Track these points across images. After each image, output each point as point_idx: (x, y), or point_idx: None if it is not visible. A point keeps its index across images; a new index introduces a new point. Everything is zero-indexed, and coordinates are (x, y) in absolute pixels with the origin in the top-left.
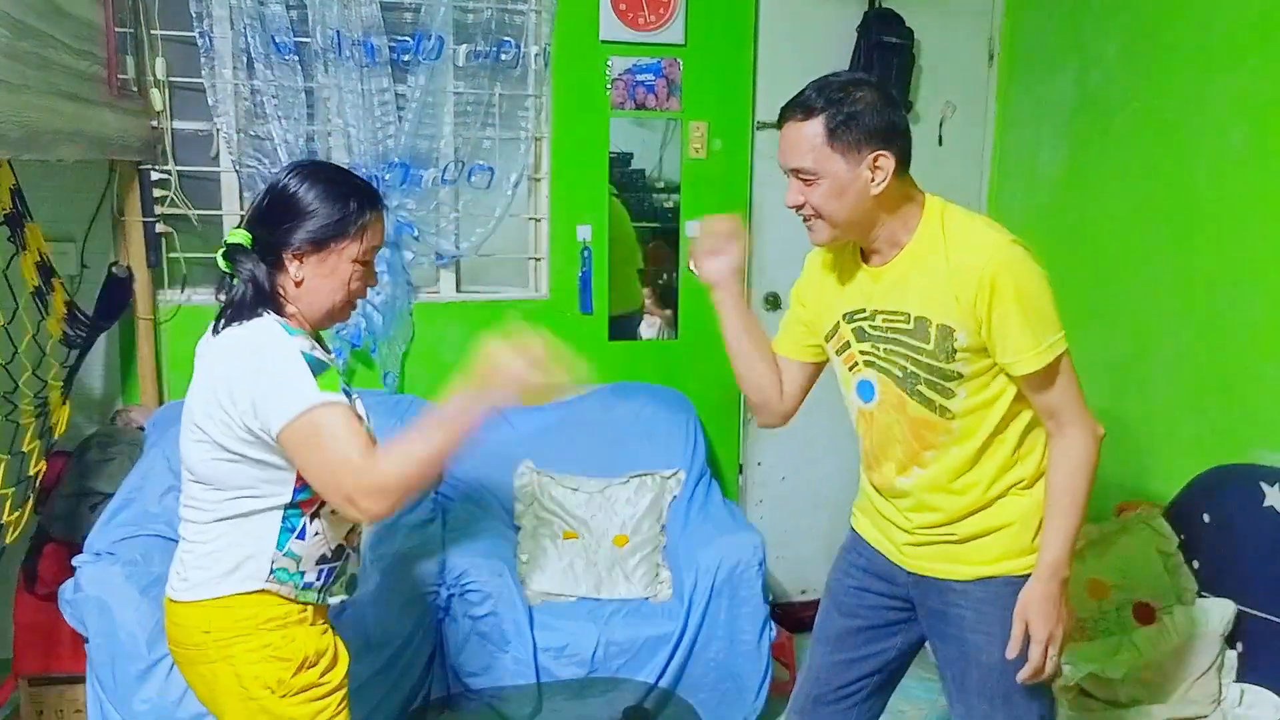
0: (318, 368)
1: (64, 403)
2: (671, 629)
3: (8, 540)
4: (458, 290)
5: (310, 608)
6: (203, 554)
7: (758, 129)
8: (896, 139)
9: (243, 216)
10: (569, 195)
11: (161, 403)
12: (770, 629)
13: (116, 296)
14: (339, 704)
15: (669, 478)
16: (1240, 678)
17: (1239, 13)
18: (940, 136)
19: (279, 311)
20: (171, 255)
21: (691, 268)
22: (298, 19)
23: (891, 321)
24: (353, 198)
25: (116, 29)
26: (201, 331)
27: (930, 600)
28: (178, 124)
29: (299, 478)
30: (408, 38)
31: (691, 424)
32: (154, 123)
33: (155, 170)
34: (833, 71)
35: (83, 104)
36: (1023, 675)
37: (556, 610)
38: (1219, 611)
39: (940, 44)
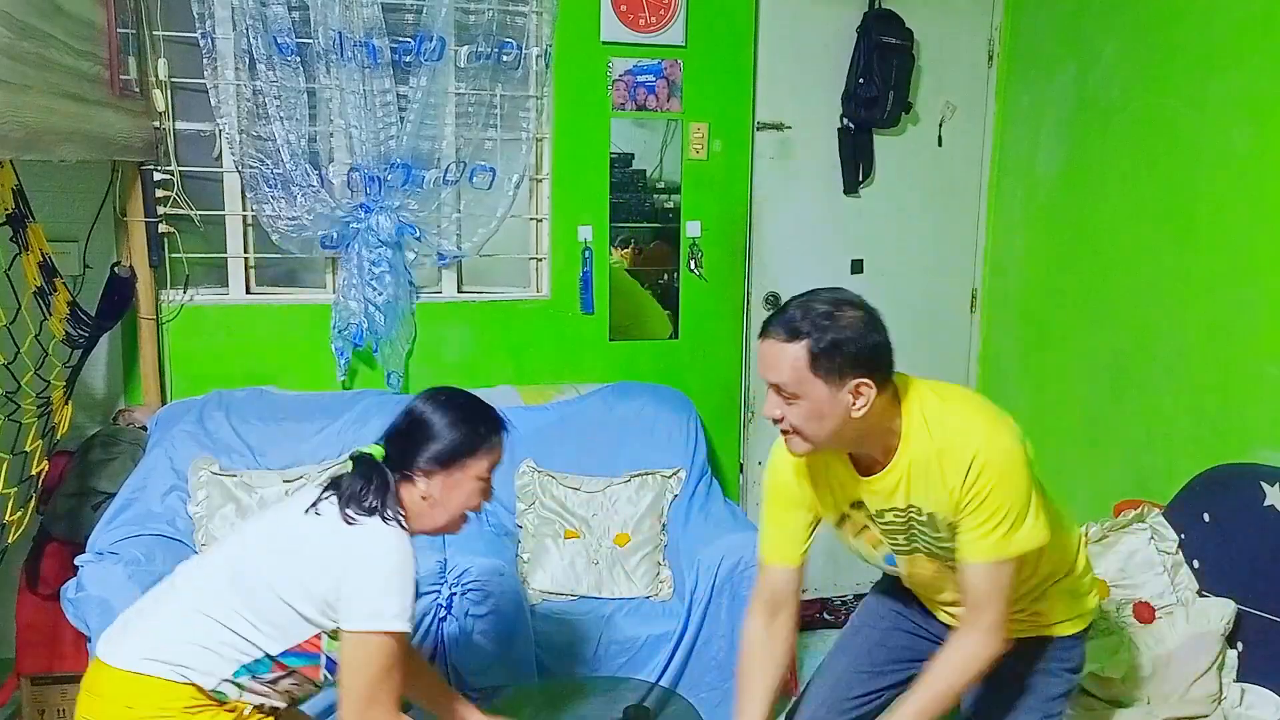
0: (417, 593)
1: (66, 402)
2: (672, 628)
3: (10, 540)
4: (459, 290)
5: (239, 708)
6: (161, 641)
7: (758, 130)
8: (880, 365)
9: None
10: (570, 196)
11: (164, 402)
12: None
13: (119, 296)
14: None
15: (670, 477)
16: (1240, 677)
17: (1239, 12)
18: (940, 137)
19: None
20: (174, 255)
21: None
22: (300, 20)
23: (904, 515)
24: (482, 423)
25: (118, 30)
26: (202, 331)
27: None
28: (180, 124)
29: (300, 646)
30: (409, 39)
31: (692, 423)
32: (156, 123)
33: (158, 170)
34: (818, 289)
35: (85, 104)
36: None
37: (558, 609)
38: (1219, 611)
39: (940, 44)
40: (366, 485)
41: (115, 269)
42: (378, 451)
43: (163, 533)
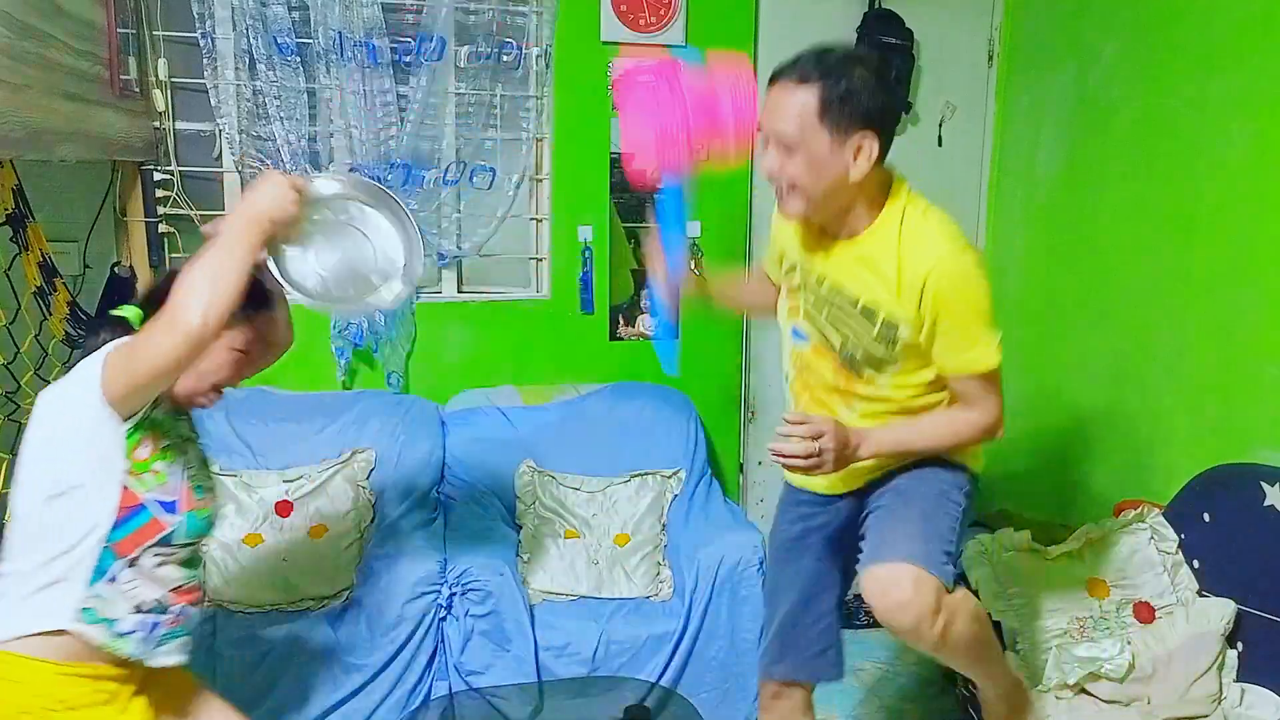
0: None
1: None
2: (672, 628)
3: None
4: (459, 290)
5: (115, 688)
6: (9, 597)
7: (758, 129)
8: (886, 123)
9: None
10: (570, 196)
11: None
12: None
13: (119, 297)
14: None
15: (670, 477)
16: (1240, 677)
17: (1239, 12)
18: (940, 136)
19: None
20: (174, 255)
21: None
22: (300, 20)
23: (839, 297)
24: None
25: (118, 29)
26: None
27: (867, 490)
28: (180, 124)
29: (119, 513)
30: (409, 39)
31: (692, 423)
32: (156, 123)
33: (158, 171)
34: (833, 42)
35: (85, 104)
36: (772, 446)
37: (558, 609)
38: (1219, 611)
39: (940, 44)
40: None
41: (115, 269)
42: (133, 314)
43: None
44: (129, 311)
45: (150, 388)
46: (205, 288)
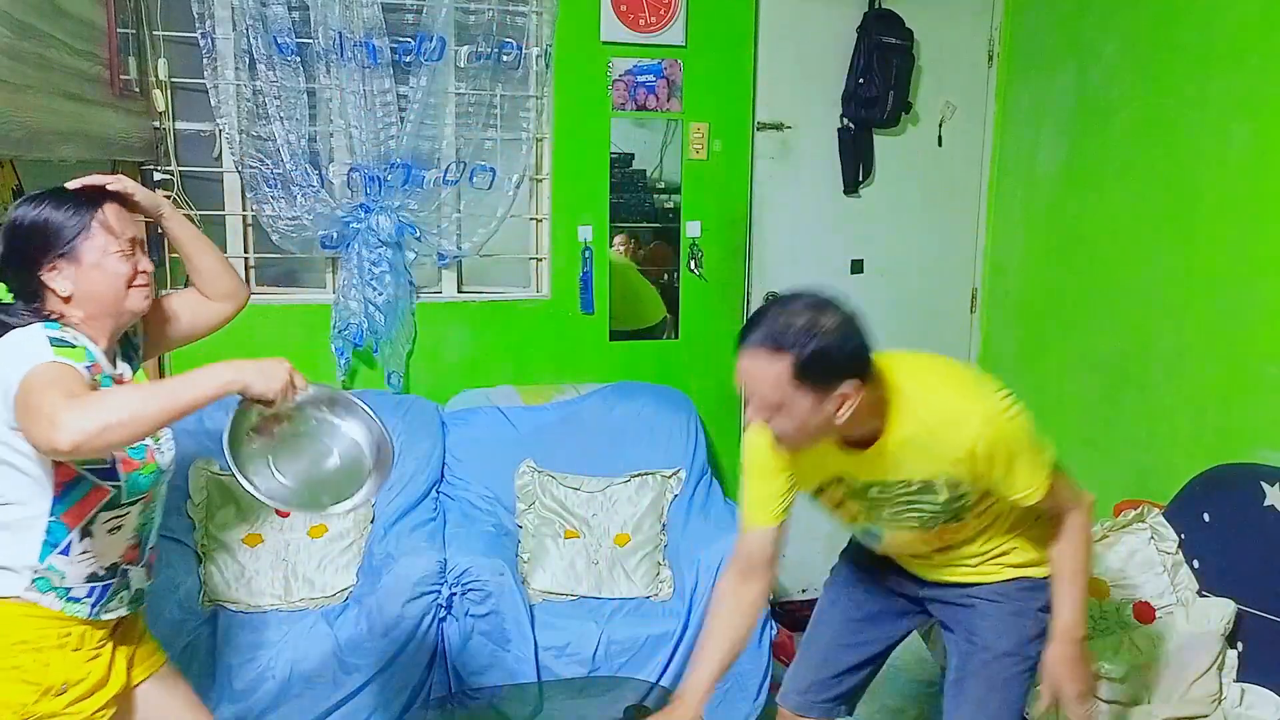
0: (58, 343)
1: None
2: (672, 628)
3: None
4: (459, 290)
5: (76, 630)
6: None
7: (758, 130)
8: (862, 368)
9: None
10: (570, 196)
11: None
12: (771, 628)
13: None
14: None
15: (670, 477)
16: (1240, 677)
17: (1239, 12)
18: (940, 136)
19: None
20: (174, 255)
21: None
22: (299, 20)
23: (892, 489)
24: (69, 203)
25: (118, 30)
26: None
27: (944, 595)
28: (180, 124)
29: (58, 485)
30: (409, 39)
31: (692, 423)
32: (156, 123)
33: (158, 171)
34: (794, 295)
35: (85, 104)
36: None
37: (558, 609)
38: (1219, 611)
39: (940, 44)
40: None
41: None
42: (2, 292)
43: (161, 533)
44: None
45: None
46: (114, 415)
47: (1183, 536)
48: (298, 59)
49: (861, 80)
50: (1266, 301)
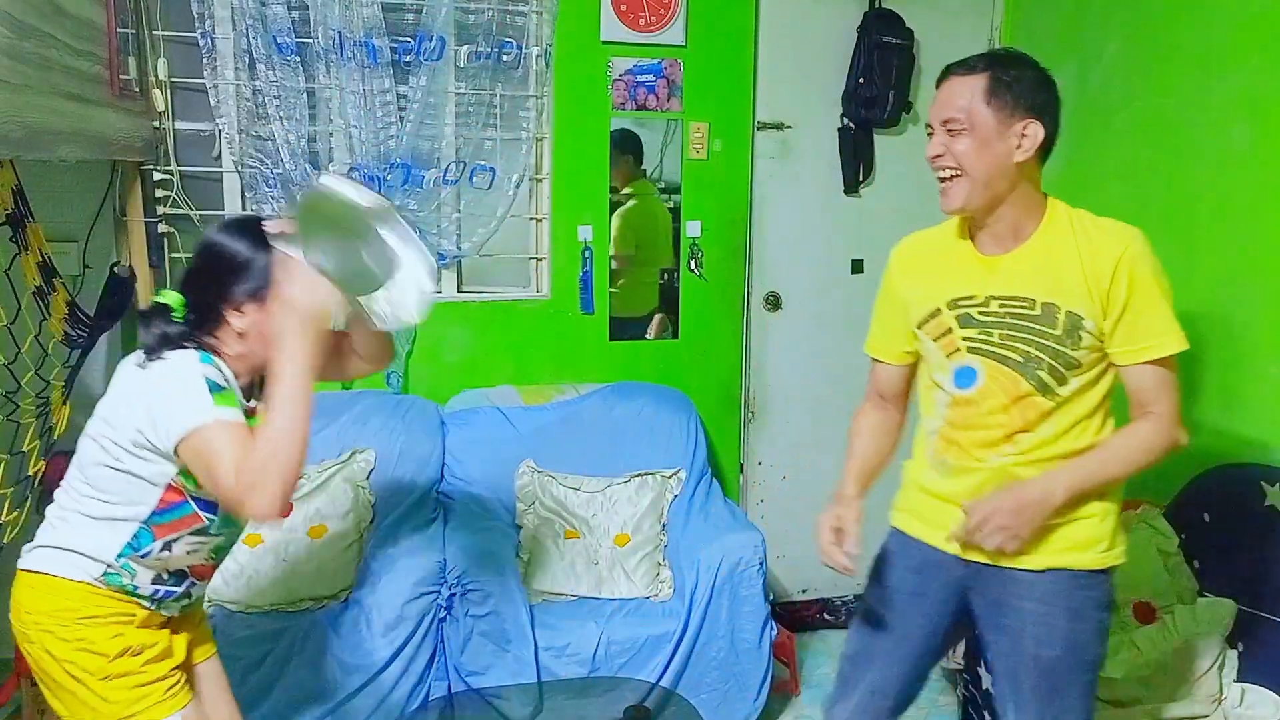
0: (215, 388)
1: (65, 403)
2: (672, 628)
3: (6, 539)
4: (459, 290)
5: (139, 613)
6: (52, 535)
7: (758, 129)
8: (1049, 116)
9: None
10: (570, 196)
11: None
12: (771, 628)
13: (118, 297)
14: (168, 690)
15: (670, 477)
16: (1241, 677)
17: (1240, 12)
18: None
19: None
20: (173, 255)
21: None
22: (299, 20)
23: (1012, 307)
24: (269, 247)
25: (118, 29)
26: None
27: (990, 590)
28: (180, 124)
29: (162, 503)
30: (409, 38)
31: (692, 423)
32: (156, 123)
33: (157, 170)
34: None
35: (84, 104)
36: (952, 531)
37: (558, 609)
38: (1219, 611)
39: (940, 44)
40: (161, 340)
41: (115, 269)
42: (174, 300)
43: None
44: (170, 298)
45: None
46: (287, 466)
47: (1183, 536)
48: (297, 59)
49: (862, 80)
50: (1266, 301)
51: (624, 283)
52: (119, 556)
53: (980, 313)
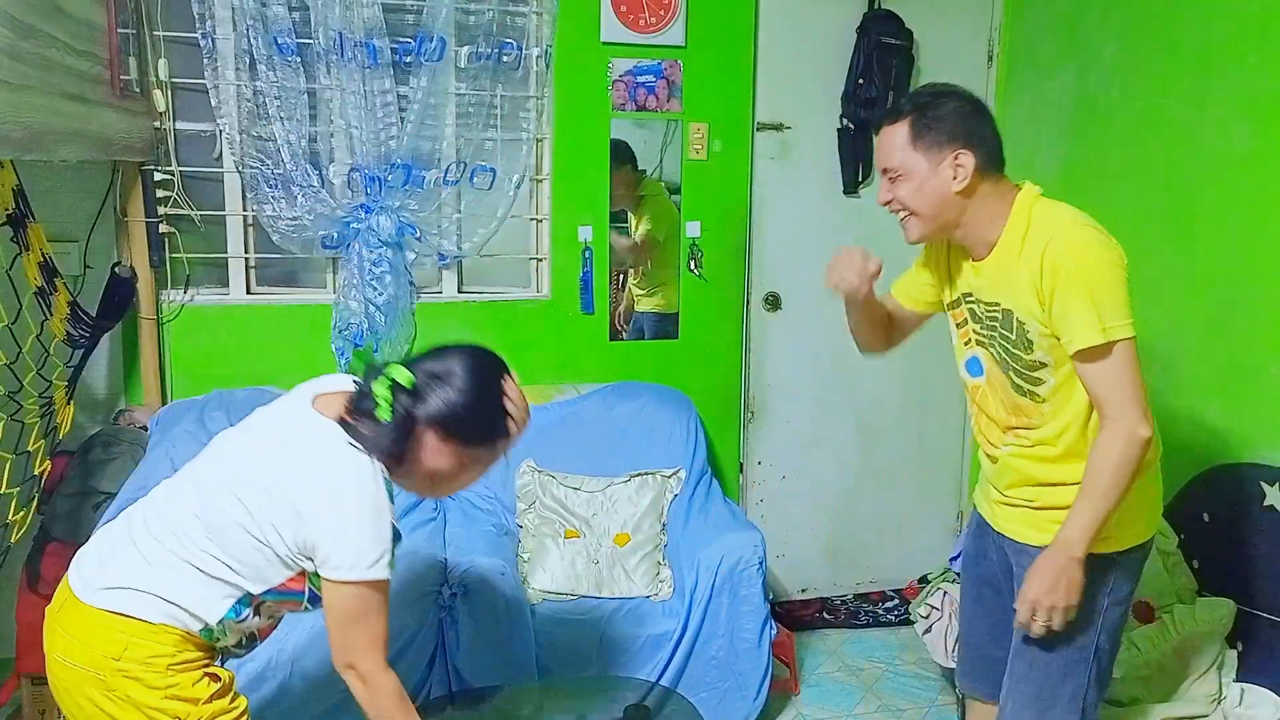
0: (396, 540)
1: (68, 402)
2: (672, 628)
3: (13, 540)
4: (459, 290)
5: (214, 654)
6: (149, 581)
7: (758, 130)
8: (980, 141)
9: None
10: (570, 196)
11: (164, 402)
12: (771, 628)
13: (119, 296)
14: (240, 715)
15: (670, 477)
16: (1240, 677)
17: (1239, 12)
18: None
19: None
20: (174, 255)
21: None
22: (300, 20)
23: (989, 311)
24: (503, 410)
25: (119, 30)
26: (202, 331)
27: (1011, 561)
28: (180, 125)
29: (282, 585)
30: (409, 39)
31: (692, 423)
32: (157, 123)
33: (158, 171)
34: (929, 83)
35: (85, 104)
36: (1016, 622)
37: (558, 609)
38: (1219, 611)
39: (939, 44)
40: (398, 431)
41: (116, 269)
42: (406, 379)
43: None
44: (403, 375)
45: None
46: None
47: (1182, 536)
48: (298, 59)
49: (861, 80)
50: (1266, 301)
51: (658, 279)
52: (219, 620)
53: (980, 310)
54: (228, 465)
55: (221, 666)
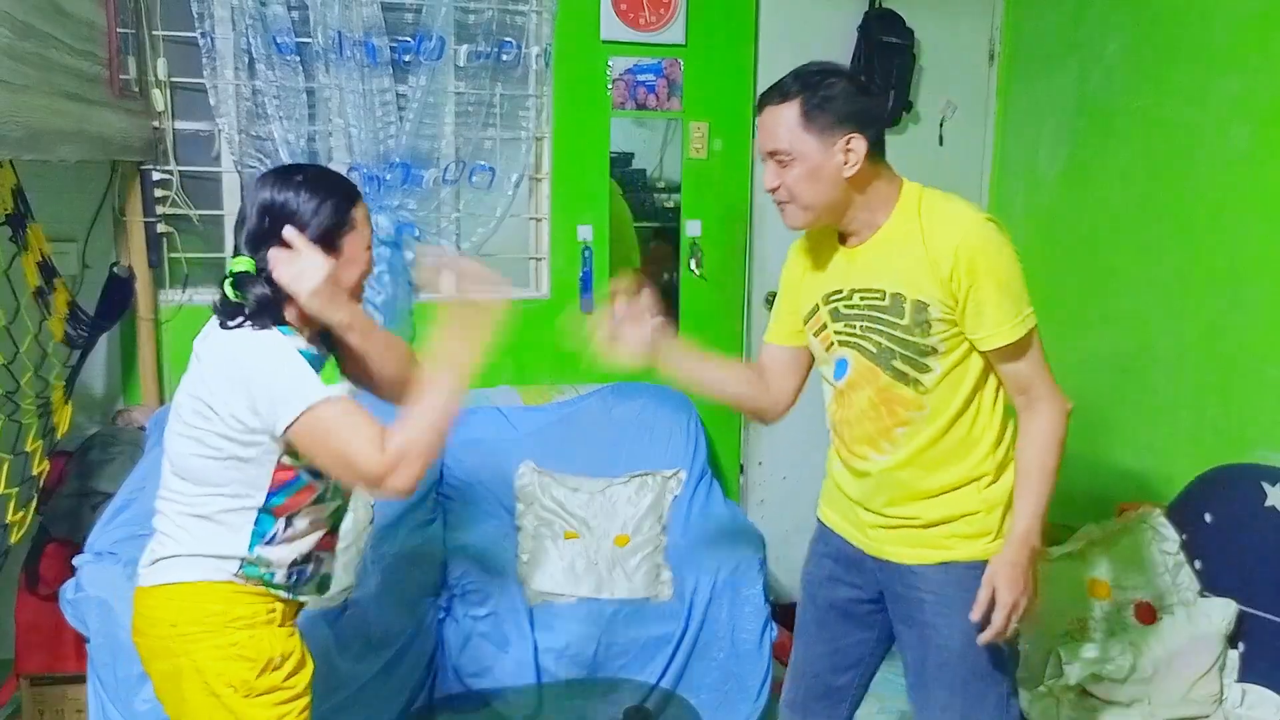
0: (316, 363)
1: (66, 403)
2: (672, 629)
3: (12, 540)
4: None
5: (279, 607)
6: (173, 546)
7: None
8: (869, 124)
9: (237, 245)
10: (570, 195)
11: (163, 402)
12: (771, 629)
13: (118, 296)
14: (301, 710)
15: (670, 477)
16: (1241, 678)
17: (1240, 12)
18: (941, 136)
19: (281, 317)
20: (173, 255)
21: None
22: (299, 20)
23: (868, 299)
24: (339, 190)
25: (118, 29)
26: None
27: (895, 585)
28: (179, 124)
29: (275, 483)
30: (409, 38)
31: (692, 424)
32: (155, 123)
33: (157, 170)
34: (811, 61)
35: (84, 104)
36: (984, 637)
37: (557, 610)
38: (1220, 611)
39: (940, 44)
40: (260, 305)
41: (114, 269)
42: (249, 265)
43: None
44: (244, 264)
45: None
46: (431, 444)
47: (1184, 537)
48: (297, 58)
49: (862, 79)
50: (1267, 301)
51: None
52: (250, 548)
53: (845, 306)
54: (174, 417)
55: (292, 639)
